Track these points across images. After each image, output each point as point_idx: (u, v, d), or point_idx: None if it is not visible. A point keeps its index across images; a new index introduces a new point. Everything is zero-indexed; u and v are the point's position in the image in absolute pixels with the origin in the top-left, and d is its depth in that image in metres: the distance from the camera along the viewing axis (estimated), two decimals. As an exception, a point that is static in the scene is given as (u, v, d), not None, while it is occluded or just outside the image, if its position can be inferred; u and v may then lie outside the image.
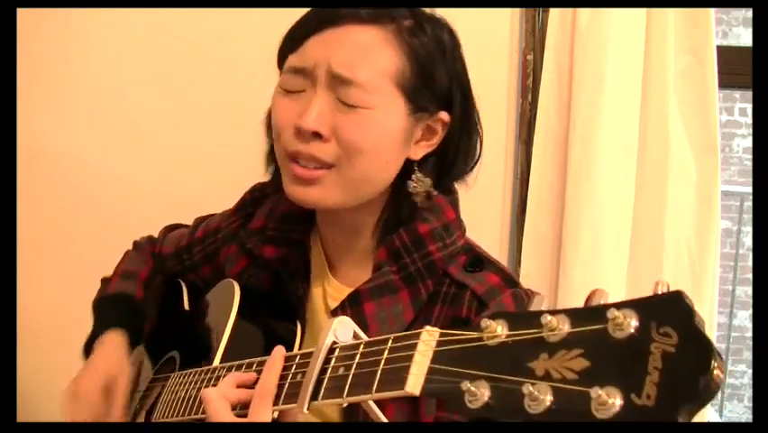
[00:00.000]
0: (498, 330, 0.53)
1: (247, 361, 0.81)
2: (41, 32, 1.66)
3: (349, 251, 0.96)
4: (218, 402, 0.74)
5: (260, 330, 0.96)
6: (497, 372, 0.51)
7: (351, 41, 0.84)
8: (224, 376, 0.81)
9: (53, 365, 1.61)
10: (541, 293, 0.53)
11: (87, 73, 1.69)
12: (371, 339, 0.66)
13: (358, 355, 0.65)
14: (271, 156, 0.97)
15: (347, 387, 0.64)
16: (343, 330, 0.69)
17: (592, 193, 1.46)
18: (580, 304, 0.50)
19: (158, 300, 1.17)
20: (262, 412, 0.72)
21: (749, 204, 3.84)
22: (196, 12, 1.59)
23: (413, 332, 0.60)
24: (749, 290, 4.15)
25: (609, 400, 0.44)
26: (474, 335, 0.54)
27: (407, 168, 0.91)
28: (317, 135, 0.85)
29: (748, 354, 4.48)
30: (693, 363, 0.43)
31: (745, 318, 4.45)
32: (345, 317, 0.70)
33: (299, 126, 0.85)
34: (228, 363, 0.85)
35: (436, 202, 0.93)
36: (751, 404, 4.32)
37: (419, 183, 0.91)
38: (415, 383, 0.57)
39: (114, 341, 1.06)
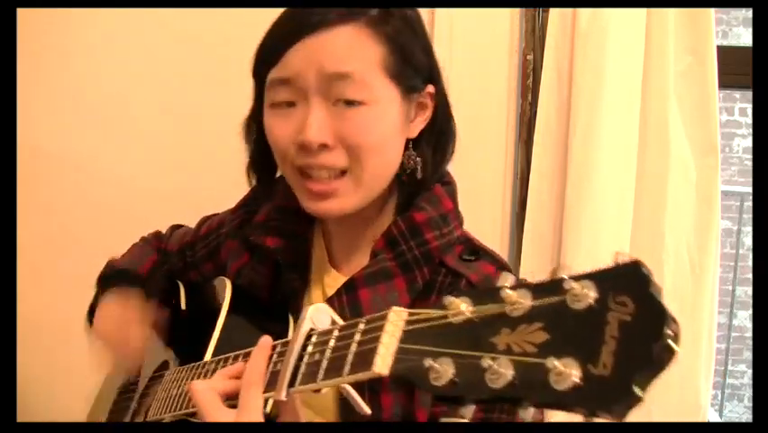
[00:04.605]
0: (461, 307, 0.53)
1: (233, 354, 0.80)
2: (41, 32, 1.66)
3: (351, 243, 0.97)
4: (206, 393, 0.73)
5: (251, 326, 0.95)
6: (460, 348, 0.51)
7: (334, 42, 0.84)
8: (213, 370, 0.81)
9: (53, 365, 1.61)
10: (512, 275, 0.54)
11: (87, 73, 1.69)
12: (344, 324, 0.66)
13: (332, 340, 0.65)
14: (253, 168, 0.97)
15: (321, 372, 0.64)
16: (320, 317, 0.69)
17: (592, 193, 1.46)
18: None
19: (158, 297, 1.17)
20: (251, 400, 0.70)
21: (749, 204, 3.84)
22: (197, 11, 1.59)
23: (381, 313, 0.60)
24: (749, 290, 4.15)
25: (566, 371, 0.44)
26: (440, 313, 0.54)
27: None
28: (324, 146, 0.85)
29: (748, 354, 4.48)
30: (648, 330, 0.43)
31: (745, 318, 4.45)
32: (322, 303, 0.70)
33: (303, 143, 0.85)
34: (216, 358, 0.84)
35: (434, 192, 0.93)
36: (751, 404, 4.32)
37: (412, 159, 0.92)
38: (382, 364, 0.57)
39: (120, 289, 1.08)
